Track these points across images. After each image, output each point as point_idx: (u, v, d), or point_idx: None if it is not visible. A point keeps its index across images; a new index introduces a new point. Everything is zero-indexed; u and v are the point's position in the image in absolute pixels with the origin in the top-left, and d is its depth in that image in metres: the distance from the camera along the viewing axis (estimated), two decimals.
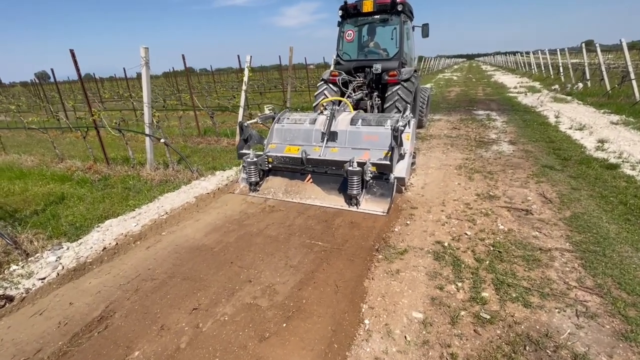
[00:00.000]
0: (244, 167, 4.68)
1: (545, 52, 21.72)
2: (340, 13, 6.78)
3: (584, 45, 14.51)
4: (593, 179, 4.42)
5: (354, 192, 3.95)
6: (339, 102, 5.35)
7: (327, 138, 4.66)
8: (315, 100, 6.73)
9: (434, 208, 3.96)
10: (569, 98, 11.62)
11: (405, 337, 2.16)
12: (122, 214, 4.19)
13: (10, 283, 2.89)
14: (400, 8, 6.23)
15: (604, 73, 11.58)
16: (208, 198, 4.55)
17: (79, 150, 8.01)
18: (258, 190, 4.72)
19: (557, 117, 8.59)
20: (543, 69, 22.28)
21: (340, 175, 4.23)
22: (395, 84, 6.15)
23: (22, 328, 2.40)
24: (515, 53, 38.29)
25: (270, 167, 4.70)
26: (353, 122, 4.67)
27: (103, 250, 3.32)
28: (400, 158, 4.30)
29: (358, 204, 4.05)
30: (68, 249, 3.41)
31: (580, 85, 13.22)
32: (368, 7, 6.43)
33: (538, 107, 10.40)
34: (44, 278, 2.91)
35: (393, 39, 6.63)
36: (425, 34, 7.26)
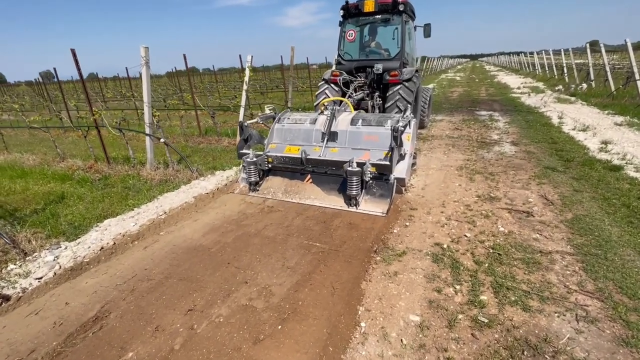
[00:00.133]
0: (244, 166, 4.67)
1: (550, 52, 21.56)
2: (342, 13, 6.75)
3: (589, 46, 14.38)
4: (596, 181, 4.36)
5: (353, 192, 3.93)
6: (340, 102, 5.33)
7: (327, 138, 4.64)
8: (316, 100, 6.71)
9: (434, 209, 3.92)
10: (573, 99, 11.52)
11: (402, 340, 2.13)
12: (121, 214, 4.18)
13: (8, 282, 2.89)
14: (402, 8, 6.19)
15: (609, 73, 11.47)
16: (207, 198, 4.54)
17: (81, 150, 8.04)
18: (258, 190, 4.70)
19: (560, 118, 8.51)
20: (547, 70, 22.12)
21: (340, 176, 4.21)
22: (397, 84, 6.12)
23: (17, 328, 2.40)
24: (519, 53, 38.08)
25: (270, 167, 4.68)
26: (353, 122, 4.65)
27: (100, 250, 3.31)
28: (401, 158, 4.27)
29: (357, 205, 4.03)
30: (66, 249, 3.41)
31: (585, 86, 13.10)
32: (369, 6, 6.40)
33: (541, 107, 10.32)
34: (41, 277, 2.91)
35: (394, 39, 6.60)
36: (427, 34, 7.22)
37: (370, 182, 4.10)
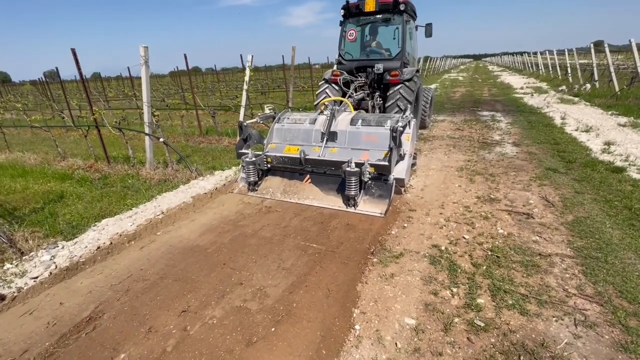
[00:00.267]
0: (243, 166, 4.65)
1: (553, 52, 21.40)
2: (343, 12, 6.72)
3: (593, 46, 14.26)
4: (598, 183, 4.31)
5: (352, 193, 3.90)
6: (340, 102, 5.30)
7: (326, 138, 4.62)
8: (317, 100, 6.68)
9: (433, 210, 3.89)
10: (576, 99, 11.42)
11: (396, 344, 2.10)
12: (118, 213, 4.18)
13: (3, 282, 2.88)
14: (403, 7, 6.15)
15: (613, 74, 11.36)
16: (205, 198, 4.53)
17: (82, 149, 8.06)
18: (257, 190, 4.69)
19: (563, 118, 8.43)
20: (551, 70, 21.97)
21: (339, 176, 4.18)
22: (397, 84, 6.09)
23: (11, 328, 2.39)
24: (523, 53, 37.84)
25: (269, 167, 4.67)
26: (353, 122, 4.62)
27: (97, 250, 3.30)
28: (400, 159, 4.24)
29: (356, 205, 4.00)
30: (63, 248, 3.40)
31: (588, 86, 12.99)
32: (370, 6, 6.36)
33: (544, 108, 10.24)
34: (37, 277, 2.90)
35: (395, 39, 6.56)
36: (429, 34, 7.18)
37: (369, 182, 4.07)
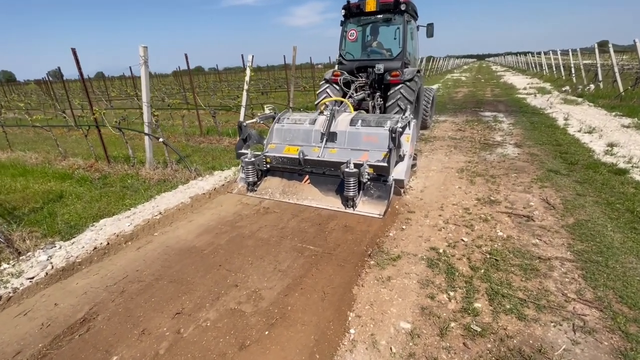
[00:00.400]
0: (242, 167, 4.64)
1: (557, 52, 21.24)
2: (343, 12, 6.69)
3: (597, 46, 14.13)
4: (600, 185, 4.25)
5: (350, 193, 3.88)
6: (340, 102, 5.28)
7: (326, 139, 4.60)
8: (317, 100, 6.66)
9: (432, 212, 3.85)
10: (580, 100, 11.32)
11: (391, 348, 2.07)
12: (117, 214, 4.17)
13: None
14: (404, 7, 6.11)
15: (617, 74, 11.25)
16: (204, 198, 4.52)
17: (83, 148, 8.08)
18: (256, 191, 4.67)
19: (566, 119, 8.35)
20: (554, 70, 21.80)
21: (338, 177, 4.16)
22: (398, 84, 6.05)
23: (5, 328, 2.38)
24: (527, 53, 37.61)
25: (269, 167, 4.65)
26: (353, 122, 4.60)
27: (94, 250, 3.30)
28: (400, 160, 4.21)
29: (354, 206, 3.98)
30: (60, 248, 3.40)
31: (592, 87, 12.87)
32: (371, 6, 6.33)
33: (547, 109, 10.15)
34: (33, 278, 2.90)
35: (396, 39, 6.52)
36: (430, 34, 7.13)
37: (368, 183, 4.05)
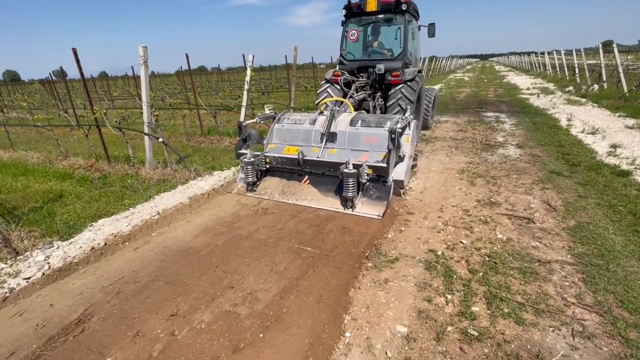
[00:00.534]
0: (242, 167, 4.63)
1: (561, 52, 21.08)
2: (344, 12, 6.67)
3: (602, 46, 14.00)
4: (602, 187, 4.20)
5: (349, 194, 3.85)
6: (340, 102, 5.26)
7: (326, 139, 4.58)
8: (318, 100, 6.64)
9: (431, 214, 3.82)
10: (584, 100, 11.22)
11: (386, 352, 2.05)
12: (115, 214, 4.17)
13: None
14: (405, 7, 6.07)
15: (621, 74, 11.14)
16: (202, 199, 4.51)
17: (85, 148, 8.09)
18: (255, 191, 4.66)
19: (569, 120, 8.28)
20: (558, 70, 21.64)
21: (338, 177, 4.14)
22: (399, 84, 6.01)
23: (0, 329, 2.38)
24: (530, 53, 37.38)
25: (268, 167, 4.64)
26: (353, 123, 4.57)
27: (91, 251, 3.29)
28: (400, 160, 4.18)
29: (353, 207, 3.95)
30: (58, 248, 3.40)
31: (596, 87, 12.75)
32: (372, 6, 6.30)
33: (550, 109, 10.07)
34: (29, 278, 2.89)
35: (397, 39, 6.47)
36: (432, 34, 7.08)
37: (367, 184, 4.02)
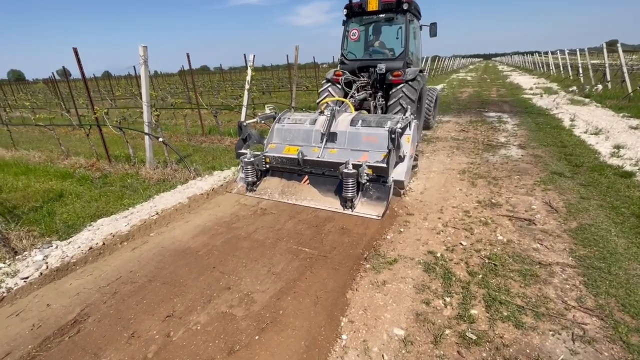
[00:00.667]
0: (242, 166, 4.62)
1: (565, 52, 20.93)
2: (345, 12, 6.64)
3: (606, 45, 13.87)
4: (605, 188, 4.15)
5: (349, 194, 3.83)
6: (341, 102, 5.24)
7: (326, 139, 4.56)
8: (319, 99, 6.61)
9: (431, 215, 3.79)
10: (587, 100, 11.12)
11: (383, 356, 2.02)
12: (115, 213, 4.16)
13: None
14: (406, 7, 6.04)
15: (626, 74, 11.04)
16: (201, 199, 4.49)
17: (86, 147, 8.11)
18: (255, 190, 4.65)
19: (572, 120, 8.21)
20: (562, 70, 21.49)
21: (337, 177, 4.11)
22: (400, 84, 5.98)
23: None
24: (534, 53, 37.14)
25: (268, 167, 4.62)
26: (353, 123, 4.55)
27: (89, 250, 3.28)
28: (400, 160, 4.15)
29: (353, 207, 3.93)
30: (56, 248, 3.39)
31: (600, 87, 12.64)
32: (373, 5, 6.27)
33: (553, 109, 9.99)
34: (27, 277, 2.89)
35: (398, 39, 6.44)
36: (433, 34, 7.04)
37: (367, 184, 4.00)
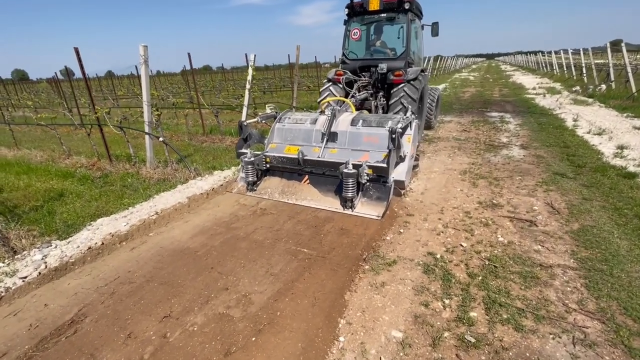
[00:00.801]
0: (242, 166, 4.61)
1: (568, 52, 20.79)
2: (347, 11, 6.62)
3: (610, 45, 13.75)
4: (607, 189, 4.11)
5: (349, 194, 3.81)
6: (342, 102, 5.22)
7: (326, 139, 4.54)
8: (320, 99, 6.60)
9: (431, 216, 3.76)
10: (590, 100, 11.04)
11: (381, 358, 2.00)
12: (114, 213, 4.16)
13: None
14: (408, 6, 6.01)
15: (630, 74, 10.95)
16: (201, 198, 4.49)
17: (88, 147, 8.13)
18: (255, 190, 4.63)
19: (575, 120, 8.14)
20: (565, 70, 21.35)
21: (338, 177, 4.10)
22: (401, 84, 5.95)
23: None
24: (537, 53, 36.93)
25: (268, 167, 4.61)
26: (353, 122, 4.53)
27: (88, 250, 3.28)
28: (400, 160, 4.13)
29: (353, 207, 3.91)
30: (56, 247, 3.39)
31: (604, 87, 12.54)
32: (374, 5, 6.24)
33: (556, 109, 9.92)
34: (26, 277, 2.89)
35: (400, 38, 6.41)
36: (435, 33, 7.01)
37: (368, 184, 3.97)
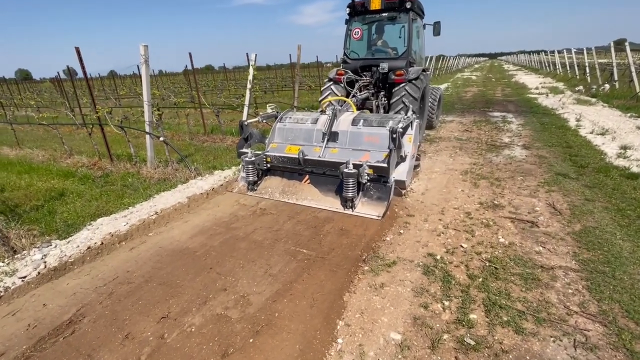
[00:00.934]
0: (243, 166, 4.60)
1: (572, 51, 20.66)
2: (348, 11, 6.59)
3: (614, 44, 13.65)
4: (610, 190, 4.07)
5: (349, 194, 3.79)
6: (343, 101, 5.20)
7: (327, 138, 4.52)
8: (320, 98, 6.58)
9: (432, 216, 3.74)
10: (594, 100, 10.96)
11: None
12: (114, 213, 4.16)
13: None
14: (409, 6, 5.98)
15: (634, 73, 10.84)
16: (201, 198, 4.48)
17: (89, 146, 8.14)
18: (256, 190, 4.63)
19: (578, 120, 8.09)
20: (568, 69, 21.22)
21: (338, 177, 4.08)
22: (402, 83, 5.93)
23: None
24: (540, 52, 36.74)
25: (269, 166, 4.60)
26: (354, 122, 4.51)
27: (87, 250, 3.28)
28: (401, 160, 4.10)
29: (353, 207, 3.89)
30: (55, 247, 3.40)
31: (607, 87, 12.45)
32: (376, 4, 6.22)
33: (559, 109, 9.86)
34: (25, 277, 2.89)
35: (401, 38, 6.38)
36: (437, 32, 6.97)
37: (368, 184, 3.96)
